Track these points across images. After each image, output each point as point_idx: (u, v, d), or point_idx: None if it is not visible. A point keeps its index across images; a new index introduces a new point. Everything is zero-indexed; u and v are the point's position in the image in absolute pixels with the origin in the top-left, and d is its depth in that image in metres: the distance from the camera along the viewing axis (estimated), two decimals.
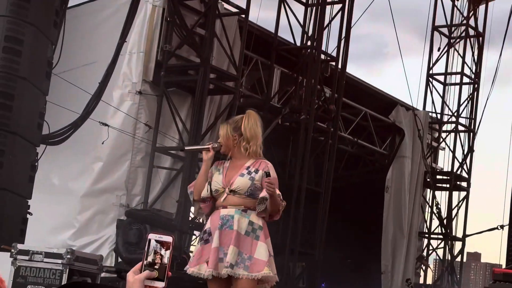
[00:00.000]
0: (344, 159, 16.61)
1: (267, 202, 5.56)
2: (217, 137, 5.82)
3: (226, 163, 5.75)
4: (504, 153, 17.68)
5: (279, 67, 14.01)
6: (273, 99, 13.85)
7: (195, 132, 11.43)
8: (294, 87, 14.08)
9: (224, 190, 5.62)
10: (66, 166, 11.83)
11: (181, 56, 12.02)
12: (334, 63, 14.19)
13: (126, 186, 11.56)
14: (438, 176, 17.87)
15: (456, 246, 17.63)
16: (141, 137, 11.61)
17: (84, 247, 11.01)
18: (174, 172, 11.91)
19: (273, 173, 5.67)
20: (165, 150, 11.88)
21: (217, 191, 5.64)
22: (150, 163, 11.68)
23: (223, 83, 12.17)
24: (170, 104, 11.75)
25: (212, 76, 11.87)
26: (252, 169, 5.64)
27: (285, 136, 14.09)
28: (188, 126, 11.70)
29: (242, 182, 5.60)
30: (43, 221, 10.71)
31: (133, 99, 11.63)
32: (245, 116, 5.73)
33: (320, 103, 14.11)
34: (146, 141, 11.64)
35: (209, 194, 5.63)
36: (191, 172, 11.21)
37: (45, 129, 9.09)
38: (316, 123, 13.95)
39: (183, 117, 11.93)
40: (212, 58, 11.94)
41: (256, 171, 5.63)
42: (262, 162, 5.69)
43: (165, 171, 11.91)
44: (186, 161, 11.45)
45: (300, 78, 13.92)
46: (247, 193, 5.59)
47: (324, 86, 14.11)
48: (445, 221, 17.27)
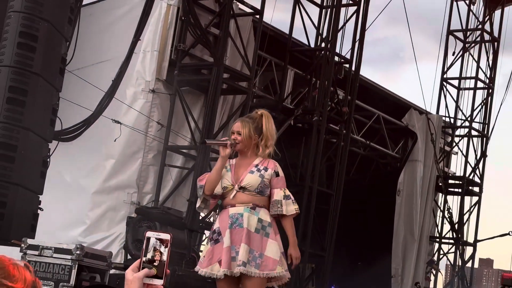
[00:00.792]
0: (356, 162, 16.59)
1: (285, 213, 5.64)
2: (230, 134, 5.81)
3: (233, 160, 5.77)
4: None
5: (293, 68, 14.01)
6: (286, 100, 13.85)
7: (207, 132, 11.44)
8: (307, 89, 14.07)
9: (233, 187, 5.63)
10: (78, 163, 11.87)
11: (195, 56, 12.04)
12: (348, 65, 14.18)
13: (138, 184, 11.59)
14: (450, 181, 17.82)
15: (467, 252, 17.59)
16: (153, 136, 11.64)
17: (95, 244, 11.04)
18: (186, 171, 11.93)
19: (281, 173, 5.73)
20: (177, 149, 11.90)
21: (226, 188, 5.65)
22: (162, 162, 11.70)
23: (236, 83, 12.18)
24: (183, 103, 11.77)
25: (226, 76, 11.88)
26: (261, 167, 5.67)
27: (297, 137, 14.08)
28: (201, 126, 11.72)
29: (253, 179, 5.62)
30: (54, 217, 10.75)
31: (146, 98, 11.66)
32: (265, 117, 5.75)
33: (333, 105, 14.09)
34: (158, 140, 11.67)
35: (222, 191, 5.65)
36: (203, 172, 11.20)
37: (58, 126, 9.13)
38: (329, 125, 13.94)
39: (196, 116, 11.95)
40: (226, 58, 11.95)
41: (266, 169, 5.66)
42: (270, 161, 5.73)
43: (177, 170, 11.93)
44: (198, 160, 11.47)
45: (314, 80, 13.91)
46: (257, 190, 5.62)
47: (338, 88, 14.08)
48: (457, 226, 17.22)
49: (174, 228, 9.74)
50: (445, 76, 17.91)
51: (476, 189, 17.83)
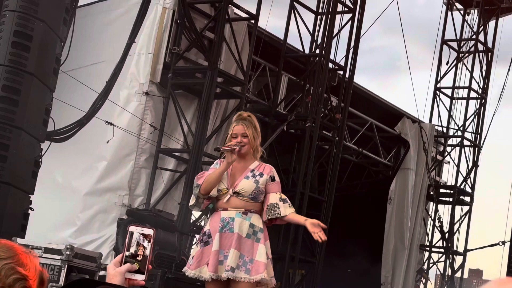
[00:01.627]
0: (348, 169, 16.61)
1: (283, 214, 5.61)
2: (228, 138, 5.75)
3: None
4: (508, 170, 17.66)
5: (287, 74, 14.03)
6: (280, 106, 13.87)
7: (200, 135, 11.44)
8: (301, 95, 14.09)
9: (228, 191, 5.63)
10: (70, 164, 11.86)
11: (189, 59, 12.05)
12: (342, 72, 14.20)
13: (129, 186, 11.58)
14: (442, 190, 17.84)
15: (457, 261, 17.60)
16: (146, 138, 11.64)
17: (85, 246, 11.01)
18: (178, 174, 11.93)
19: (277, 178, 5.73)
20: (170, 152, 11.89)
21: (221, 191, 5.64)
22: (154, 164, 11.70)
23: (230, 88, 12.18)
24: (176, 106, 11.78)
25: (220, 80, 11.89)
26: (257, 172, 5.66)
27: (290, 143, 14.10)
28: (194, 129, 11.72)
29: (247, 185, 5.61)
30: (45, 218, 10.71)
31: (140, 100, 11.66)
32: (254, 118, 5.74)
33: (326, 112, 14.12)
34: (151, 142, 11.67)
35: (217, 194, 5.64)
36: (195, 175, 11.19)
37: (51, 126, 9.10)
38: (321, 132, 13.95)
39: (189, 120, 11.95)
40: (220, 62, 11.96)
41: (261, 175, 5.65)
42: (267, 166, 5.72)
43: (169, 173, 11.92)
44: (190, 164, 11.46)
45: (307, 86, 13.93)
46: (251, 196, 5.61)
47: (331, 95, 14.11)
48: (447, 235, 17.24)
49: (165, 231, 9.73)
50: (439, 85, 17.94)
51: (467, 199, 17.85)
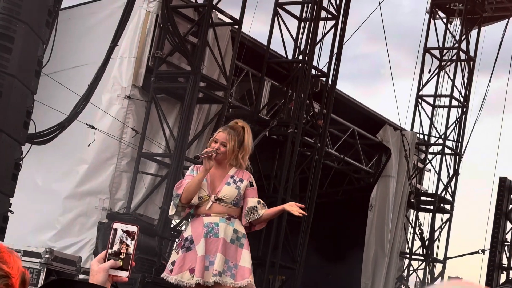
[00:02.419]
0: (330, 175, 16.64)
1: (261, 214, 5.64)
2: (210, 141, 5.75)
3: None
4: (489, 179, 17.76)
5: (270, 80, 14.04)
6: (262, 111, 13.88)
7: (182, 140, 11.43)
8: (283, 101, 14.10)
9: (209, 198, 5.64)
10: (51, 167, 11.79)
11: (172, 63, 12.04)
12: (325, 79, 14.23)
13: (110, 190, 11.53)
14: (422, 197, 17.91)
15: (437, 269, 17.66)
16: (128, 142, 11.60)
17: (65, 249, 10.95)
18: (159, 179, 11.90)
19: (255, 184, 5.80)
20: (151, 156, 11.87)
21: (202, 198, 5.65)
22: (135, 168, 11.66)
23: (213, 92, 12.18)
24: (159, 110, 11.76)
25: (202, 85, 11.88)
26: (237, 178, 5.70)
27: (272, 149, 14.09)
28: (175, 133, 11.70)
29: (230, 191, 5.64)
30: (25, 221, 10.65)
31: (122, 103, 11.63)
32: (246, 131, 5.77)
33: (309, 118, 14.14)
34: (133, 146, 11.63)
35: (198, 201, 5.64)
36: (176, 180, 11.18)
37: (31, 128, 9.04)
38: (303, 138, 13.96)
39: (171, 124, 11.93)
40: (203, 67, 11.96)
41: (241, 181, 5.69)
42: (245, 173, 5.78)
43: (150, 177, 11.89)
44: (171, 168, 11.44)
45: (290, 92, 13.94)
46: (233, 202, 5.65)
47: (314, 101, 14.14)
48: (427, 243, 17.30)
49: (145, 235, 9.70)
50: (421, 93, 18.02)
51: (448, 207, 17.92)
